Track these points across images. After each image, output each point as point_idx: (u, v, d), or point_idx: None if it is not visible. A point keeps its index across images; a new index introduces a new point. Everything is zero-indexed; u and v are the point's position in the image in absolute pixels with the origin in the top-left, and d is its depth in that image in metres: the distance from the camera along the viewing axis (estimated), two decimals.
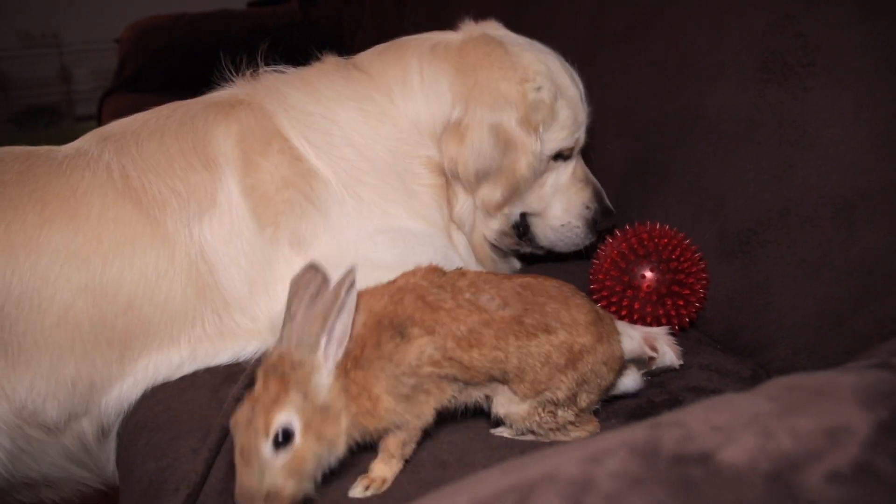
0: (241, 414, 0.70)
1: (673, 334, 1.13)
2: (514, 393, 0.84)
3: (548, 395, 0.85)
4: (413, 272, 0.85)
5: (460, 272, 0.87)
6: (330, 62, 1.32)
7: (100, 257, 1.06)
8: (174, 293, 1.09)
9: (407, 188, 1.23)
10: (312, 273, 0.76)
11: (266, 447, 0.68)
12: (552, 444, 0.88)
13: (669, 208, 1.31)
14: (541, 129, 1.26)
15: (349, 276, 0.73)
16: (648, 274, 1.16)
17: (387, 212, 1.20)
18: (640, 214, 1.30)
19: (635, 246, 1.18)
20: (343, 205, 1.17)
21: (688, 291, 1.16)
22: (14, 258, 1.04)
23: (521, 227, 1.35)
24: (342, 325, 0.74)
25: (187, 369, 1.12)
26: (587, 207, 1.34)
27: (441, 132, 1.25)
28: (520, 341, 0.82)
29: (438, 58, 1.27)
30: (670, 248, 1.17)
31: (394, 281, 0.84)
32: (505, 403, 0.86)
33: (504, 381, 0.84)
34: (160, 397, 1.09)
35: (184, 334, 1.11)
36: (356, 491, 0.80)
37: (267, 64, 1.31)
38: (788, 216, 1.13)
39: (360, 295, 0.79)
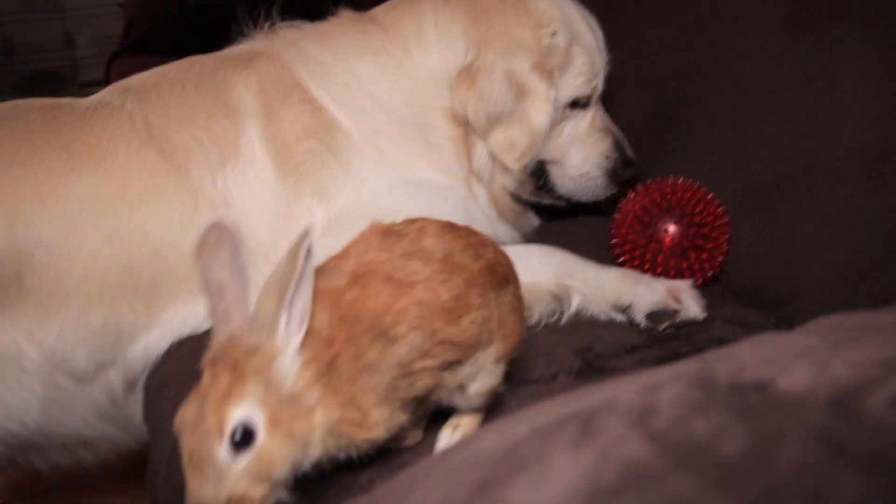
0: (187, 412, 0.59)
1: (696, 288, 1.14)
2: (493, 358, 0.75)
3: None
4: (364, 241, 0.72)
5: (419, 226, 0.73)
6: (346, 16, 1.31)
7: (126, 205, 1.07)
8: None
9: (426, 140, 1.22)
10: (218, 234, 0.63)
11: (221, 450, 0.56)
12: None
13: (691, 163, 1.30)
14: (556, 76, 1.25)
15: (305, 241, 0.60)
16: (671, 227, 1.16)
17: (407, 164, 1.20)
18: (662, 169, 1.29)
19: (658, 200, 1.18)
20: (364, 157, 1.17)
21: (711, 245, 1.16)
22: (43, 205, 1.04)
23: (540, 177, 1.34)
24: (302, 299, 0.61)
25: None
26: (606, 157, 1.33)
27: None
28: (496, 292, 0.74)
29: (452, 6, 1.25)
30: (693, 201, 1.17)
31: (346, 255, 0.71)
32: (484, 376, 0.75)
33: (488, 344, 0.73)
34: (186, 350, 1.09)
35: None
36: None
37: (283, 20, 1.31)
38: (814, 170, 1.12)
39: (315, 290, 0.65)
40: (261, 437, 0.57)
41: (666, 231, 1.15)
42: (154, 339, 1.12)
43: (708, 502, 0.32)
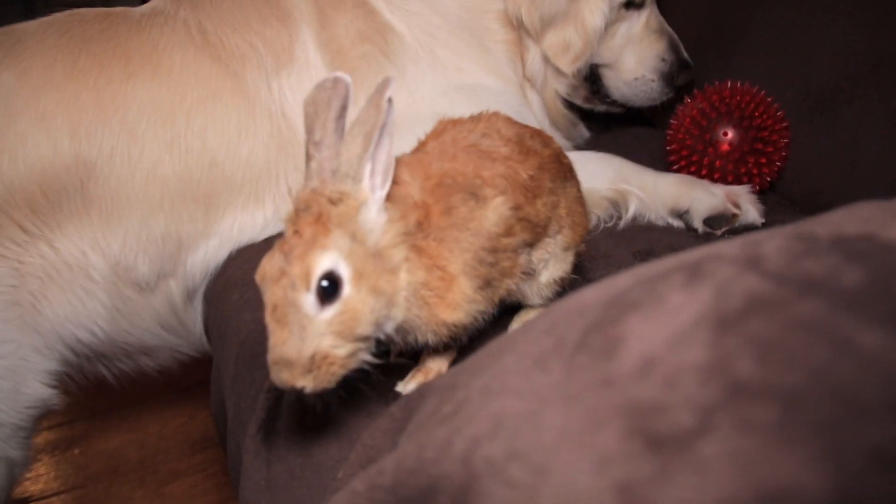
0: (270, 264, 0.56)
1: (754, 193, 1.12)
2: (563, 245, 0.75)
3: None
4: (440, 130, 0.72)
5: (490, 114, 0.75)
6: None
7: (183, 112, 1.08)
8: (256, 150, 1.11)
9: (481, 44, 1.21)
10: (332, 88, 0.59)
11: (307, 300, 0.54)
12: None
13: (749, 67, 1.27)
14: None
15: (386, 88, 0.57)
16: (730, 132, 1.14)
17: (461, 68, 1.19)
18: (719, 75, 1.26)
19: (716, 104, 1.16)
20: (418, 61, 1.16)
21: (770, 149, 1.14)
22: (103, 113, 1.05)
23: (594, 82, 1.33)
24: (386, 150, 0.59)
25: (272, 230, 1.14)
26: (662, 60, 1.30)
27: None
28: (563, 182, 0.75)
29: None
30: (752, 105, 1.14)
31: (425, 142, 0.71)
32: (556, 263, 0.75)
33: (557, 230, 0.74)
34: (247, 255, 1.11)
35: (268, 192, 1.13)
36: (408, 386, 0.71)
37: None
38: (880, 69, 1.09)
39: (401, 161, 0.65)
40: (346, 289, 0.55)
41: (724, 135, 1.13)
42: (213, 248, 1.14)
43: (839, 321, 0.32)
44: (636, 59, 1.30)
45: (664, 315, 0.35)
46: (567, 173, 0.78)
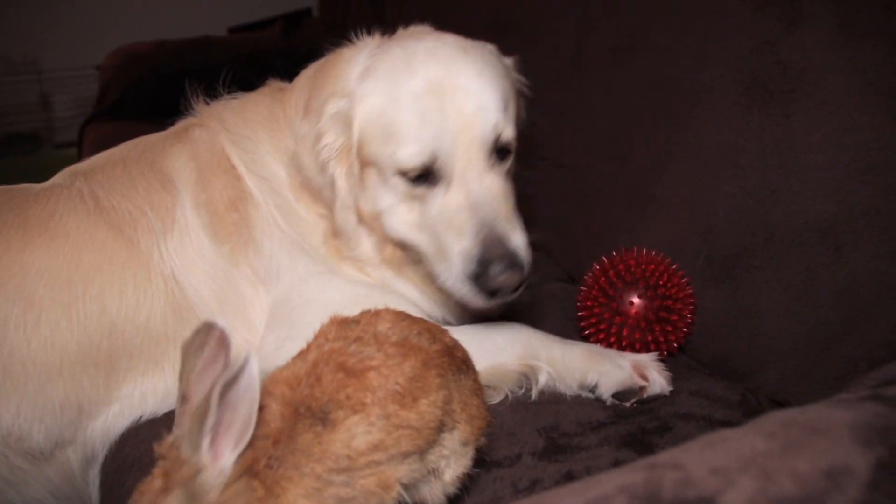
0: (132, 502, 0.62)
1: (662, 360, 1.13)
2: (460, 441, 0.74)
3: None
4: (324, 334, 0.73)
5: (373, 313, 0.75)
6: (270, 86, 1.33)
7: (80, 276, 1.07)
8: (154, 314, 1.10)
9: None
10: (205, 334, 0.61)
11: None
12: None
13: (656, 233, 1.31)
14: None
15: (242, 363, 0.59)
16: (636, 300, 1.16)
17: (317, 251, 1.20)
18: (628, 239, 1.30)
19: (622, 272, 1.18)
20: (271, 236, 1.17)
21: (676, 317, 1.16)
22: (0, 279, 1.04)
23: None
24: (242, 418, 0.60)
25: (173, 400, 1.11)
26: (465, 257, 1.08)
27: None
28: (456, 375, 0.74)
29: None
30: (657, 273, 1.17)
31: (307, 352, 0.72)
32: (457, 459, 0.75)
33: (453, 426, 0.73)
34: (146, 434, 1.07)
35: (167, 358, 1.11)
36: None
37: (228, 92, 1.32)
38: (774, 240, 1.13)
39: (273, 381, 0.67)
40: None
41: (631, 304, 1.15)
42: (114, 415, 1.10)
43: None
44: (436, 254, 1.08)
45: None
46: (461, 365, 0.77)
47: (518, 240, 1.04)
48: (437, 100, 1.06)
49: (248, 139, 1.23)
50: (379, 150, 1.09)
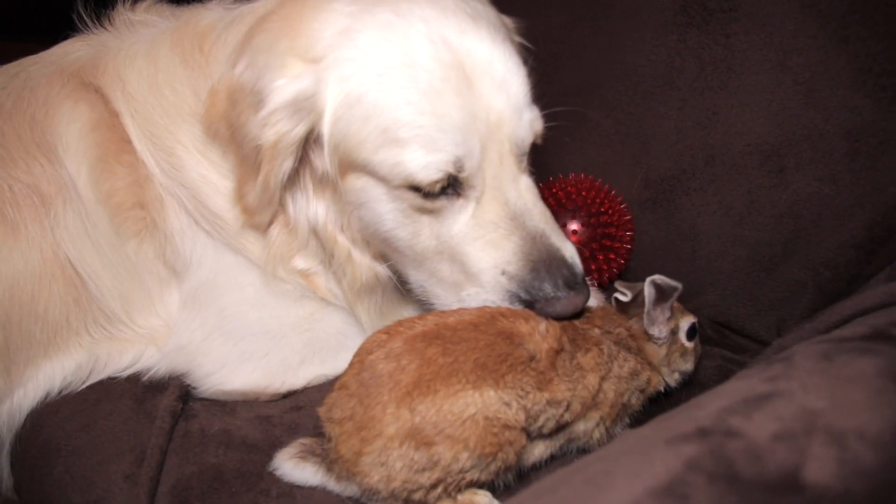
0: None
1: (601, 285, 1.13)
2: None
3: None
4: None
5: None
6: (190, 23, 1.01)
7: None
8: (53, 302, 0.96)
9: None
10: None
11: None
12: None
13: (590, 156, 1.28)
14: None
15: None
16: (578, 229, 1.13)
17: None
18: (561, 163, 1.26)
19: (563, 200, 1.15)
20: (195, 241, 1.00)
21: (617, 244, 1.15)
22: None
23: None
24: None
25: (86, 373, 0.99)
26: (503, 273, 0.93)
27: None
28: None
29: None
30: (598, 200, 1.15)
31: None
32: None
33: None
34: (68, 411, 0.95)
35: (72, 341, 0.98)
36: None
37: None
38: (714, 163, 1.13)
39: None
40: None
41: (574, 233, 1.13)
42: (18, 399, 0.98)
43: None
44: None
45: None
46: None
47: (571, 252, 0.88)
48: (458, 89, 0.82)
49: (165, 132, 0.98)
50: (374, 156, 0.84)
